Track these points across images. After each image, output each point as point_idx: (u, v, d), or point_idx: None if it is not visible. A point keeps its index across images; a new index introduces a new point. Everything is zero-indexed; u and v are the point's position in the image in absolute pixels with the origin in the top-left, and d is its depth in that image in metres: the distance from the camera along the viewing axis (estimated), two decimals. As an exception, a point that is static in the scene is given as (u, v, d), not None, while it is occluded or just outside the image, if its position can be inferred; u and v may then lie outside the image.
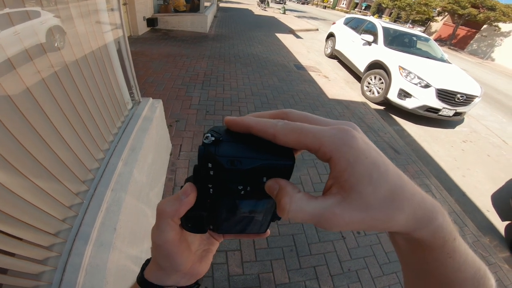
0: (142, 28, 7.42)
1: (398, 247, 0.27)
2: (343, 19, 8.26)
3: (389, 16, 44.33)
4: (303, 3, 61.47)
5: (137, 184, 1.59)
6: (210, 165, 0.23)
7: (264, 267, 1.93)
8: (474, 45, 25.35)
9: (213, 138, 0.23)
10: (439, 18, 30.37)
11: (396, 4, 32.90)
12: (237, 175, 0.23)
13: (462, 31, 26.70)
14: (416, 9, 30.09)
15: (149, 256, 0.32)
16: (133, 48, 5.82)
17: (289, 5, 34.03)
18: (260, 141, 0.23)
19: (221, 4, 19.41)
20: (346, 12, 55.47)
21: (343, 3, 62.32)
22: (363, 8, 56.11)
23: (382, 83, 5.34)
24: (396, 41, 6.18)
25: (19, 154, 0.87)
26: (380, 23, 6.33)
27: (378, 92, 5.45)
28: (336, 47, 7.80)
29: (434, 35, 30.40)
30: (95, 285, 1.00)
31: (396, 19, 39.29)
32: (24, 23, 0.95)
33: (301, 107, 4.31)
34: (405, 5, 31.80)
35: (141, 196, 1.68)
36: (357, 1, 57.32)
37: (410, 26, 31.89)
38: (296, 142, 0.22)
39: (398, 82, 4.97)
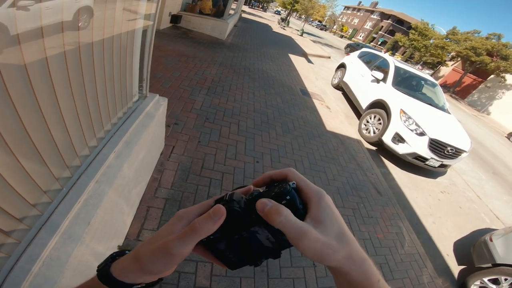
0: (165, 23, 7.58)
1: None
2: (358, 52, 8.40)
3: (402, 55, 45.14)
4: (321, 29, 62.92)
5: (124, 179, 1.56)
6: (288, 197, 0.32)
7: (233, 284, 1.95)
8: (475, 96, 25.26)
9: (295, 186, 0.34)
10: (450, 63, 30.52)
11: (412, 44, 33.15)
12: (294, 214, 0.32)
13: (468, 79, 26.77)
14: (431, 51, 30.29)
15: (110, 252, 0.35)
16: (149, 41, 5.95)
17: (307, 28, 34.73)
18: None
19: (244, 15, 19.80)
20: (362, 45, 56.71)
21: (360, 35, 63.93)
22: (379, 43, 57.32)
23: (380, 123, 5.46)
24: (405, 82, 6.30)
25: (8, 119, 0.80)
26: (394, 62, 6.44)
27: (374, 132, 5.55)
28: (344, 79, 7.91)
29: (440, 80, 30.52)
30: (50, 277, 0.93)
31: (408, 59, 39.90)
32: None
33: (298, 133, 4.42)
34: (421, 46, 31.92)
35: (124, 192, 1.66)
36: (375, 36, 58.82)
37: (420, 67, 32.01)
38: (297, 183, 0.35)
39: (395, 126, 5.04)
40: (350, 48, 16.05)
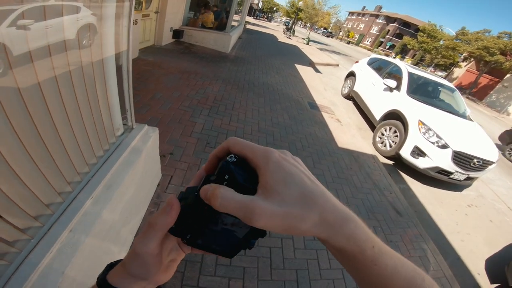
0: (167, 39, 7.48)
1: (338, 260, 0.31)
2: (367, 59, 8.04)
3: (412, 58, 44.59)
4: (327, 36, 63.01)
5: (105, 224, 1.40)
6: (227, 176, 0.28)
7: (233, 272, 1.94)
8: (493, 96, 24.66)
9: (234, 159, 0.29)
10: (463, 64, 30.03)
11: (422, 47, 32.84)
12: (243, 191, 0.27)
13: (484, 80, 26.26)
14: (442, 53, 29.96)
15: None
16: (152, 58, 5.82)
17: (313, 36, 34.70)
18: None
19: (248, 26, 19.84)
20: (369, 50, 56.43)
21: (367, 40, 63.56)
22: (387, 47, 56.91)
23: (397, 136, 5.07)
24: (420, 89, 5.90)
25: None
26: (407, 67, 6.06)
27: (391, 146, 5.17)
28: (355, 88, 7.55)
29: (455, 81, 29.95)
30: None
31: (419, 62, 39.33)
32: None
33: (307, 153, 4.09)
34: (431, 48, 31.67)
35: (109, 234, 1.49)
36: (382, 40, 58.34)
37: (432, 70, 31.68)
38: (238, 153, 0.30)
39: (414, 139, 4.65)
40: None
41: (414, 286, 0.28)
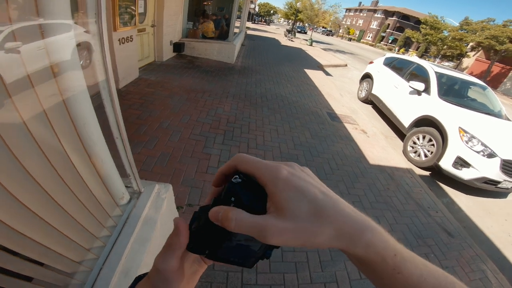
0: (168, 53, 7.04)
1: (360, 270, 0.29)
2: (382, 59, 7.48)
3: (417, 50, 44.03)
4: (327, 35, 62.49)
5: None
6: (233, 199, 0.27)
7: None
8: (508, 84, 24.50)
9: (240, 180, 0.28)
10: (471, 54, 29.70)
11: (427, 39, 32.54)
12: (251, 212, 0.26)
13: (496, 68, 26.03)
14: (449, 43, 29.68)
15: None
16: (154, 77, 5.37)
17: (314, 35, 34.26)
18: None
19: (248, 32, 19.49)
20: (372, 45, 55.74)
21: (369, 36, 62.80)
22: (389, 41, 56.29)
23: (433, 145, 4.49)
24: (452, 91, 5.35)
25: None
26: (432, 67, 5.49)
27: (426, 156, 4.59)
28: (374, 92, 7.00)
29: (465, 71, 29.64)
30: None
31: (424, 54, 38.88)
32: None
33: (338, 177, 3.56)
34: (436, 39, 31.35)
35: None
36: (384, 35, 57.56)
37: (439, 61, 31.33)
38: (245, 171, 0.29)
39: (456, 148, 4.10)
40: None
41: None
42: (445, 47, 30.67)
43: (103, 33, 0.91)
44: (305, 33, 28.89)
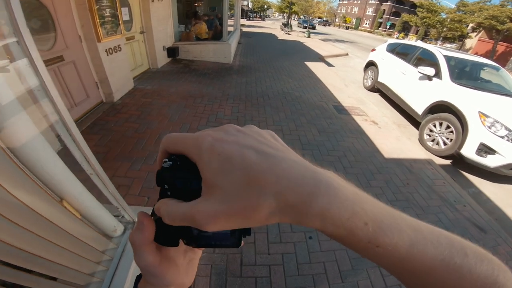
0: (162, 60, 6.82)
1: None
2: (385, 45, 7.17)
3: (416, 34, 43.52)
4: (324, 25, 61.70)
5: None
6: (166, 186, 0.25)
7: None
8: None
9: (170, 163, 0.25)
10: (473, 34, 29.57)
11: (425, 22, 32.37)
12: (190, 194, 0.23)
13: (501, 47, 25.96)
14: (448, 26, 29.66)
15: None
16: (150, 86, 5.16)
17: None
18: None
19: (244, 29, 19.21)
20: (370, 32, 54.85)
21: (366, 23, 61.82)
22: (387, 27, 55.59)
23: (451, 132, 4.19)
24: (465, 74, 5.01)
25: None
26: (440, 51, 5.17)
27: (445, 144, 4.29)
28: (380, 79, 6.70)
29: (469, 52, 29.61)
30: None
31: (424, 37, 38.50)
32: None
33: (352, 176, 3.29)
34: (435, 22, 31.24)
35: None
36: (381, 21, 56.61)
37: (441, 43, 31.10)
38: (175, 151, 0.25)
39: (478, 134, 3.80)
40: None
41: (451, 266, 0.20)
42: (445, 29, 30.64)
43: (31, 54, 0.67)
44: (314, 28, 25.65)
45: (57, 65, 3.18)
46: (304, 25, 33.90)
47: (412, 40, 6.21)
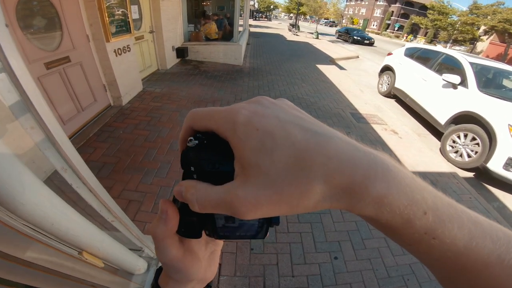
0: (171, 60, 6.62)
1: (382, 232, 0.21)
2: (402, 49, 6.86)
3: (425, 36, 43.04)
4: (331, 26, 61.25)
5: None
6: (192, 168, 0.22)
7: None
8: None
9: (196, 142, 0.22)
10: (485, 37, 29.24)
11: (436, 24, 31.95)
12: (220, 177, 0.21)
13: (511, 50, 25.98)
14: (460, 28, 29.41)
15: None
16: (159, 89, 4.96)
17: (318, 27, 33.56)
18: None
19: (251, 29, 19.01)
20: (378, 34, 54.25)
21: (373, 24, 61.23)
22: (396, 29, 54.99)
23: (477, 144, 3.93)
24: (492, 83, 4.73)
25: None
26: (465, 57, 4.87)
27: (469, 156, 4.04)
28: (397, 85, 6.42)
29: (481, 55, 29.22)
30: None
31: (433, 39, 38.12)
32: None
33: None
34: (446, 25, 30.88)
35: None
36: (389, 22, 56.01)
37: (450, 45, 30.92)
38: (203, 127, 0.21)
39: (506, 148, 3.55)
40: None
41: (506, 262, 0.18)
42: (455, 32, 30.33)
43: (9, 63, 0.47)
44: (371, 43, 20.18)
45: (62, 67, 2.97)
46: (354, 36, 22.10)
47: (420, 43, 6.00)
